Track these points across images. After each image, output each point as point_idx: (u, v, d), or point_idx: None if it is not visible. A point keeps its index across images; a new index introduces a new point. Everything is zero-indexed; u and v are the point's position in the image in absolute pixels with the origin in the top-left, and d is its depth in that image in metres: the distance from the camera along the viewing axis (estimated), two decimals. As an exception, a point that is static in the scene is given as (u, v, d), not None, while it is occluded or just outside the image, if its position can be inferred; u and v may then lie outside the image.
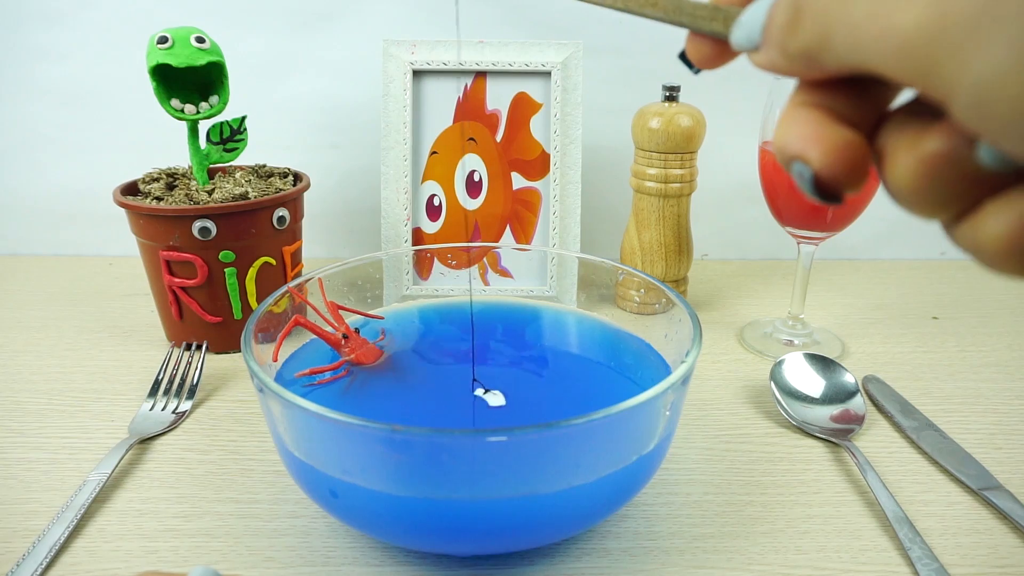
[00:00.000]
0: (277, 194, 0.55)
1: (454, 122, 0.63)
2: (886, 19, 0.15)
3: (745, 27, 0.19)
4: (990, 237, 0.16)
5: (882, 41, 0.15)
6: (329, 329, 0.44)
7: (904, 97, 0.19)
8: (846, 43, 0.16)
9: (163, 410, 0.48)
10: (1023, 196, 0.16)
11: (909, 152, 0.17)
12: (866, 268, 0.77)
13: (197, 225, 0.52)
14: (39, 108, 0.74)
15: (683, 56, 0.23)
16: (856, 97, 0.18)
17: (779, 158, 0.18)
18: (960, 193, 0.17)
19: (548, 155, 0.63)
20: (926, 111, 0.18)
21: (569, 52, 0.62)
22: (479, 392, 0.40)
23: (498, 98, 0.63)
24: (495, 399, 0.40)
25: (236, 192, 0.54)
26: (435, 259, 0.61)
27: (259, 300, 0.56)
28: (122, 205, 0.53)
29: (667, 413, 0.34)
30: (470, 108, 0.63)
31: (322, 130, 0.76)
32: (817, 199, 0.18)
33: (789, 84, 0.53)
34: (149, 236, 0.54)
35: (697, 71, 0.23)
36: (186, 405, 0.49)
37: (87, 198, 0.76)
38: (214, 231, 0.52)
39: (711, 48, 0.21)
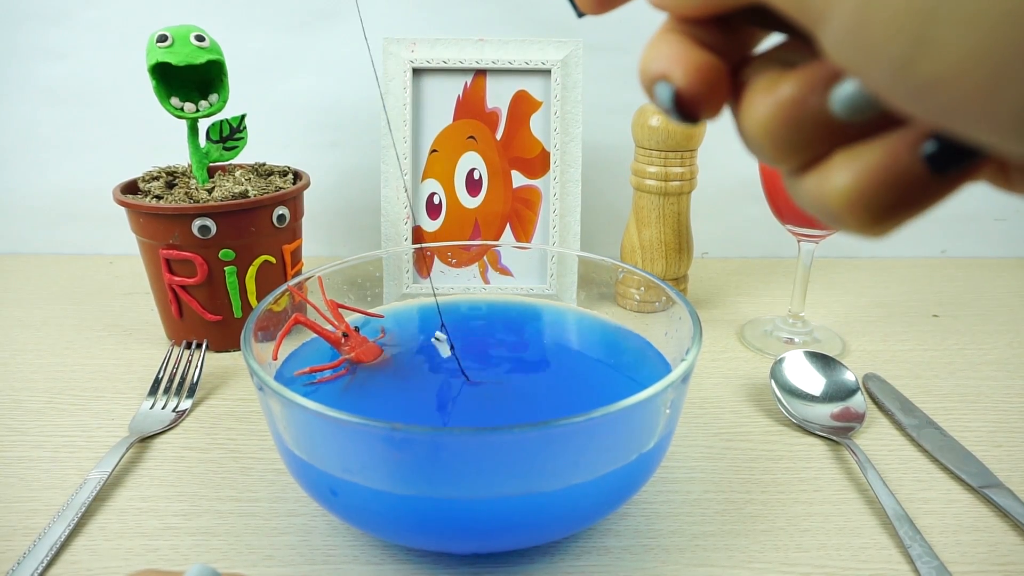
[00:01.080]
0: (277, 192, 0.55)
1: (454, 120, 0.63)
2: None
3: None
4: (836, 189, 0.16)
5: None
6: (329, 327, 0.44)
7: (768, 43, 0.19)
8: None
9: (163, 409, 0.48)
10: (871, 149, 0.16)
11: (765, 94, 0.17)
12: (866, 266, 0.77)
13: (197, 223, 0.52)
14: (39, 107, 0.74)
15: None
16: (722, 33, 0.18)
17: (643, 80, 0.18)
18: (810, 141, 0.16)
19: (548, 153, 0.63)
20: (787, 57, 0.17)
21: (569, 50, 0.62)
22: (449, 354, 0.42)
23: (498, 96, 0.63)
24: (444, 349, 0.41)
25: (236, 190, 0.54)
26: (435, 257, 0.60)
27: (259, 298, 0.56)
28: (122, 204, 0.53)
29: (667, 411, 0.34)
30: (470, 106, 0.63)
31: (322, 128, 0.76)
32: (676, 118, 0.18)
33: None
34: (149, 235, 0.53)
35: (581, 15, 0.22)
36: (186, 404, 0.49)
37: (87, 197, 0.76)
38: (214, 229, 0.52)
39: None
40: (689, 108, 0.18)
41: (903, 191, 0.16)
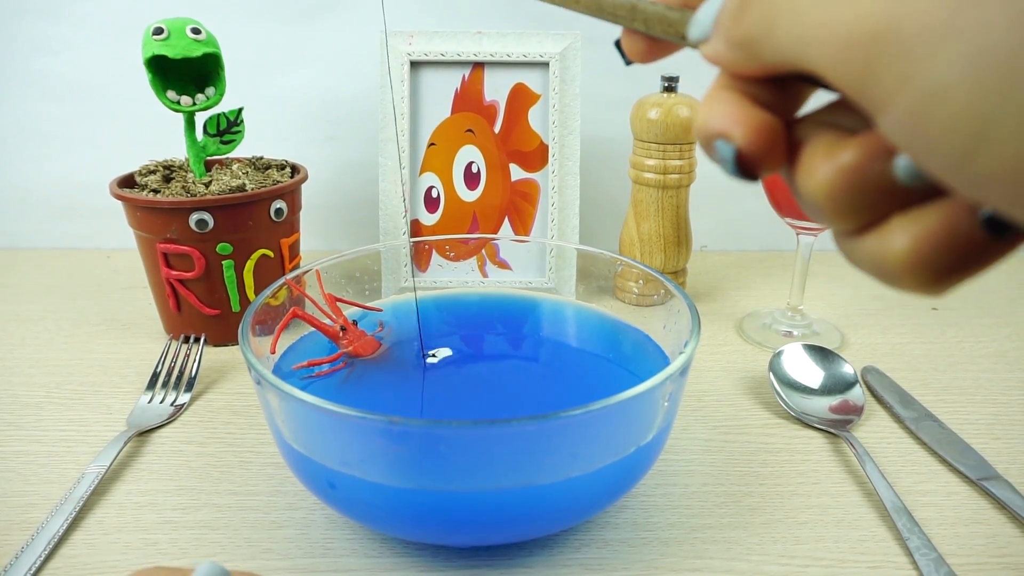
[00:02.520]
0: (274, 186, 0.55)
1: (452, 113, 0.63)
2: (834, 10, 0.15)
3: (700, 20, 0.20)
4: (895, 252, 0.16)
5: (825, 34, 0.15)
6: (327, 321, 0.44)
7: (818, 100, 0.19)
8: (789, 34, 0.16)
9: (161, 403, 0.48)
10: (929, 213, 0.16)
11: (826, 160, 0.17)
12: (865, 259, 0.77)
13: (194, 217, 0.52)
14: (35, 101, 0.74)
15: (618, 45, 0.23)
16: (777, 91, 0.19)
17: (700, 136, 0.19)
18: (871, 205, 0.17)
19: (546, 146, 0.63)
20: (841, 120, 0.18)
21: (567, 43, 0.62)
22: (432, 360, 0.42)
23: (496, 89, 0.63)
24: (443, 352, 0.41)
25: (233, 184, 0.54)
26: (433, 251, 0.60)
27: (257, 292, 0.56)
28: (119, 198, 0.53)
29: (665, 404, 0.34)
30: (468, 99, 0.63)
31: (319, 122, 0.75)
32: (737, 176, 0.18)
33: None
34: (146, 229, 0.53)
35: (629, 63, 0.23)
36: (184, 398, 0.49)
37: (84, 191, 0.76)
38: (211, 223, 0.52)
39: (644, 44, 0.22)
40: (750, 167, 0.18)
41: (962, 253, 0.16)
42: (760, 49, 0.17)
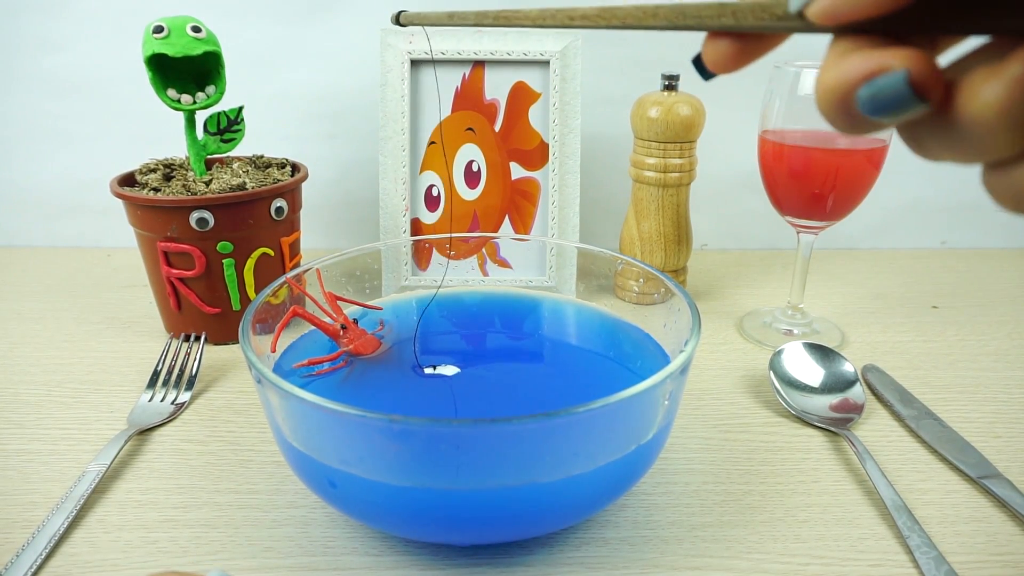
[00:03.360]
0: (275, 185, 0.55)
1: (452, 112, 0.63)
2: None
3: None
4: None
5: None
6: (327, 320, 0.44)
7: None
8: None
9: (162, 401, 0.48)
10: None
11: (992, 78, 0.16)
12: (866, 257, 0.77)
13: (195, 216, 0.52)
14: (35, 99, 0.74)
15: (698, 61, 0.22)
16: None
17: (835, 92, 0.17)
18: None
19: (547, 145, 0.63)
20: (986, 58, 0.17)
21: (568, 41, 0.62)
22: (430, 370, 0.42)
23: (496, 87, 0.63)
24: (449, 370, 0.41)
25: (234, 183, 0.54)
26: (434, 249, 0.60)
27: (257, 291, 0.56)
28: (119, 196, 0.53)
29: (666, 402, 0.34)
30: (468, 98, 0.63)
31: (320, 120, 0.75)
32: (912, 108, 0.17)
33: (789, 76, 0.52)
34: (147, 227, 0.53)
35: (710, 77, 0.22)
36: (185, 396, 0.49)
37: (85, 189, 0.76)
38: (212, 222, 0.52)
39: (731, 47, 0.20)
40: (926, 87, 0.17)
41: None
42: None
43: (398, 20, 0.35)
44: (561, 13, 0.23)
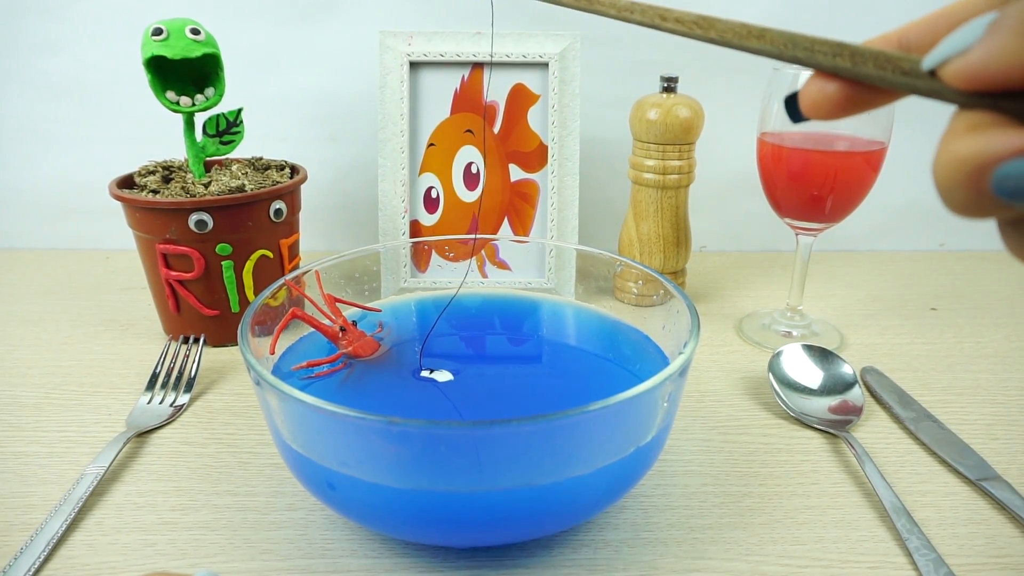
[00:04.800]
0: (274, 187, 0.55)
1: (451, 114, 0.63)
2: None
3: (959, 38, 0.16)
4: None
5: None
6: (326, 322, 0.44)
7: None
8: None
9: (160, 403, 0.48)
10: None
11: None
12: (865, 259, 0.77)
13: (193, 218, 0.52)
14: (34, 101, 0.74)
15: (792, 101, 0.20)
16: None
17: (962, 169, 0.16)
18: None
19: (546, 147, 0.63)
20: None
21: (567, 43, 0.62)
22: (426, 373, 0.41)
23: (495, 89, 0.63)
24: (443, 376, 0.41)
25: (232, 185, 0.54)
26: (433, 251, 0.60)
27: (256, 293, 0.56)
28: (118, 198, 0.53)
29: (665, 404, 0.34)
30: (468, 100, 0.63)
31: (319, 122, 0.75)
32: None
33: (788, 75, 0.52)
34: (145, 229, 0.53)
35: (802, 120, 0.20)
36: (184, 398, 0.49)
37: (83, 191, 0.76)
38: (210, 224, 0.52)
39: (839, 93, 0.19)
40: None
41: None
42: None
43: None
44: (652, 10, 0.21)
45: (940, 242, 0.81)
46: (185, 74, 0.53)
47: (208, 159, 0.58)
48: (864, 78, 0.18)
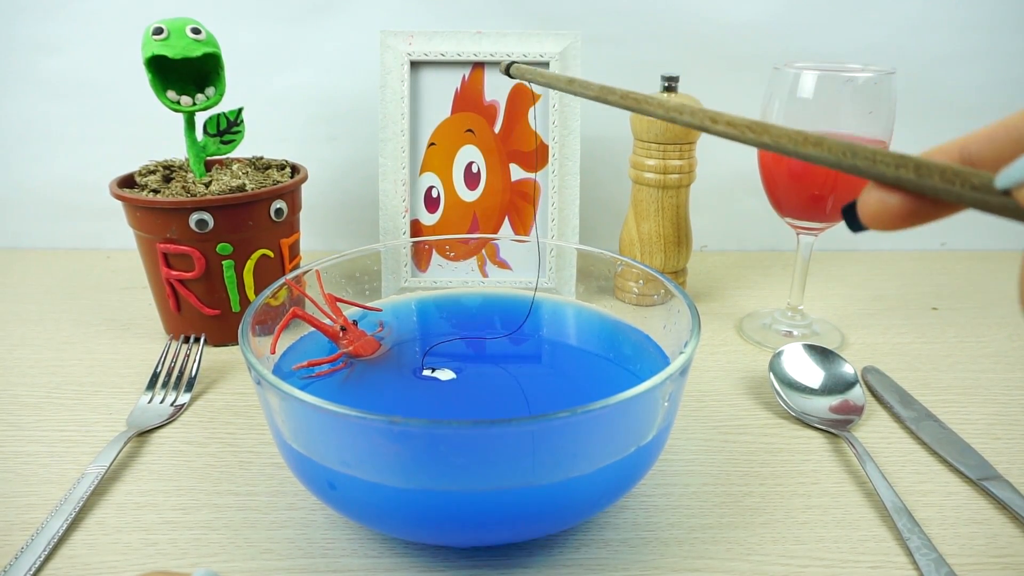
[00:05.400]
0: (274, 186, 0.55)
1: (452, 113, 0.63)
2: None
3: None
4: None
5: None
6: (327, 321, 0.44)
7: None
8: None
9: (161, 403, 0.48)
10: None
11: None
12: (866, 259, 0.77)
13: (194, 217, 0.52)
14: (35, 101, 0.74)
15: (850, 211, 0.20)
16: None
17: None
18: None
19: (547, 146, 0.63)
20: None
21: (567, 42, 0.62)
22: (427, 372, 0.41)
23: (496, 89, 0.63)
24: (445, 375, 0.41)
25: (233, 184, 0.54)
26: (433, 251, 0.60)
27: (257, 293, 0.56)
28: (119, 198, 0.53)
29: (666, 404, 0.34)
30: (468, 99, 0.63)
31: (319, 122, 0.75)
32: None
33: (788, 77, 0.52)
34: (146, 229, 0.53)
35: (861, 230, 0.19)
36: (184, 398, 0.49)
37: (84, 191, 0.76)
38: (211, 223, 0.52)
39: (901, 205, 0.18)
40: None
41: None
42: None
43: (508, 72, 0.33)
44: (703, 113, 0.21)
45: (941, 241, 0.81)
46: (186, 73, 0.53)
47: (209, 158, 0.58)
48: (929, 191, 0.17)
